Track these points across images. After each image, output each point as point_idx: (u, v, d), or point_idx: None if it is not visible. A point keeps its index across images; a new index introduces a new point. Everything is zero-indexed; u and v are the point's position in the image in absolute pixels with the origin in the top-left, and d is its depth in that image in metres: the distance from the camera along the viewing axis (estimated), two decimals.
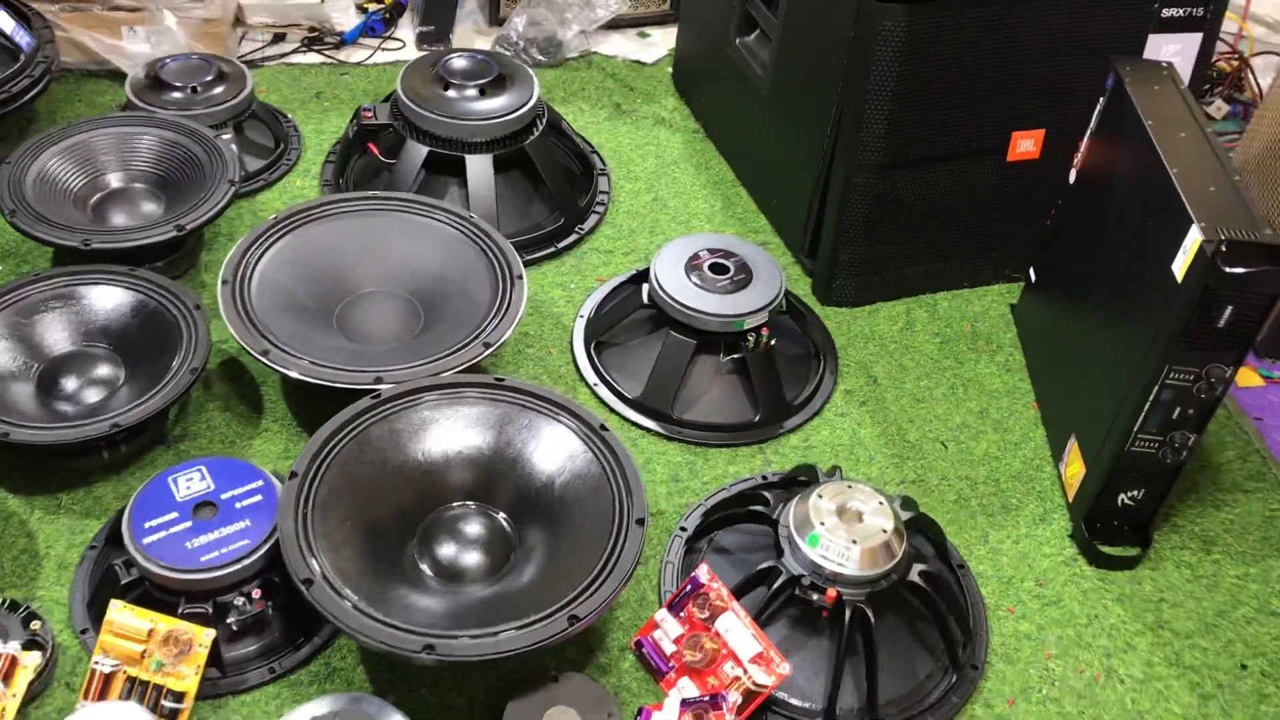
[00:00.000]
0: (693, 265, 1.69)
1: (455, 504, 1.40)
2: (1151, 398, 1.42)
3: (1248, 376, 1.87)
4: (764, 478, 1.59)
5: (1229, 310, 1.33)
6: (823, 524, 1.35)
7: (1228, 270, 1.28)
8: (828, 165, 1.80)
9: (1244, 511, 1.64)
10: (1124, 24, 1.75)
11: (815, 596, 1.33)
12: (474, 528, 1.39)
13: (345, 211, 1.69)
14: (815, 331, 1.81)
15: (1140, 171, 1.50)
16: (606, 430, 1.41)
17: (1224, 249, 1.29)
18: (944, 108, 1.73)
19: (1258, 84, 2.34)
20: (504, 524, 1.40)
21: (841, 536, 1.33)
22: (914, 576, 1.36)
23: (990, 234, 1.91)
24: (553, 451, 1.40)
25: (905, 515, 1.42)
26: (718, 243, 1.73)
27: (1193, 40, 1.81)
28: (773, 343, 1.68)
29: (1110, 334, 1.56)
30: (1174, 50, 1.81)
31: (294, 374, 1.46)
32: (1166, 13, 1.77)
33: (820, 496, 1.38)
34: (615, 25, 2.44)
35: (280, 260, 1.62)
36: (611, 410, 1.68)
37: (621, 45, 2.43)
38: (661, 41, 2.45)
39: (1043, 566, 1.54)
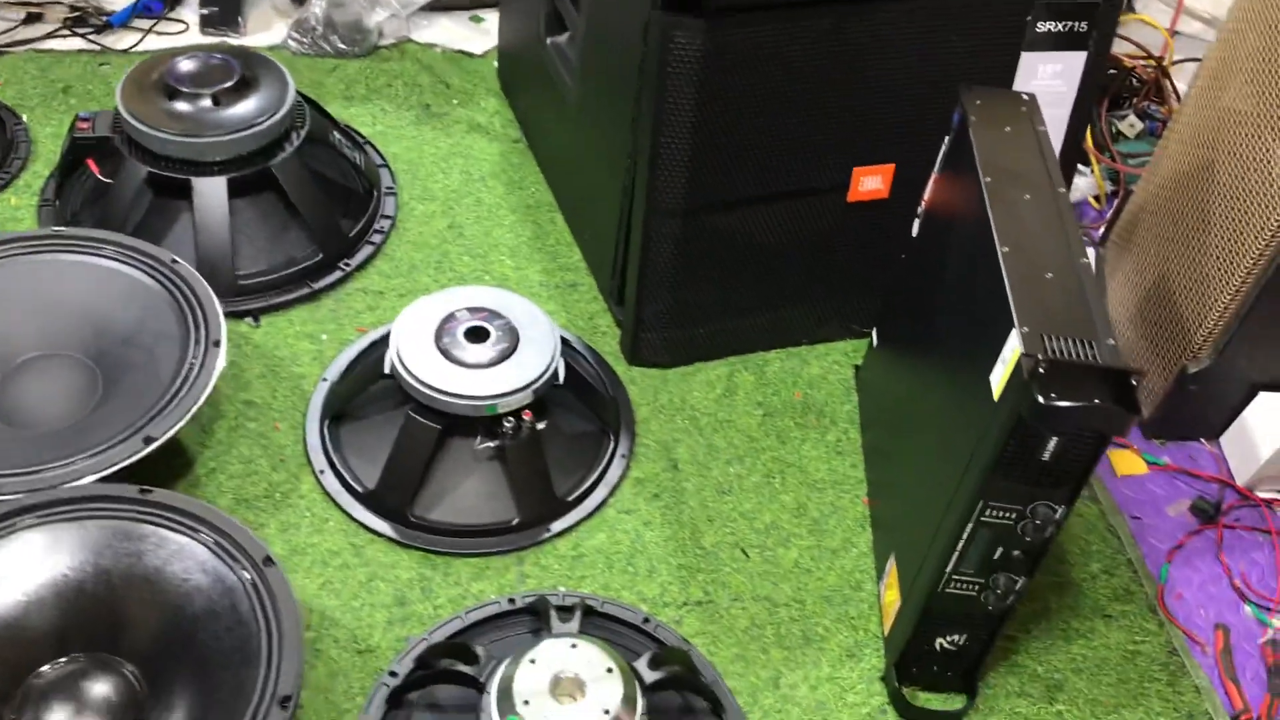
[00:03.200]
0: (444, 330, 1.38)
1: (61, 660, 1.10)
2: (965, 535, 1.13)
3: (1130, 462, 1.57)
4: (510, 601, 1.29)
5: (1054, 442, 1.03)
6: (526, 703, 1.05)
7: (1043, 402, 0.97)
8: (629, 204, 1.49)
9: (1101, 645, 1.35)
10: (991, 40, 1.44)
11: None
12: (92, 688, 1.09)
13: (15, 254, 1.37)
14: (609, 403, 1.51)
15: (972, 239, 1.20)
16: (271, 565, 1.11)
17: (1043, 371, 0.99)
18: (763, 142, 1.41)
19: (1178, 96, 2.02)
20: (132, 679, 1.10)
21: None
22: None
23: (832, 282, 1.60)
24: (193, 590, 1.10)
25: (654, 676, 1.13)
26: (483, 299, 1.42)
27: (1075, 59, 1.50)
28: (539, 427, 1.37)
29: (932, 437, 1.26)
30: (1052, 72, 1.50)
31: None
32: (1042, 27, 1.45)
33: (533, 662, 1.08)
34: (446, 6, 2.10)
35: None
36: (337, 506, 1.37)
37: (449, 31, 2.09)
38: (497, 29, 2.11)
39: None
